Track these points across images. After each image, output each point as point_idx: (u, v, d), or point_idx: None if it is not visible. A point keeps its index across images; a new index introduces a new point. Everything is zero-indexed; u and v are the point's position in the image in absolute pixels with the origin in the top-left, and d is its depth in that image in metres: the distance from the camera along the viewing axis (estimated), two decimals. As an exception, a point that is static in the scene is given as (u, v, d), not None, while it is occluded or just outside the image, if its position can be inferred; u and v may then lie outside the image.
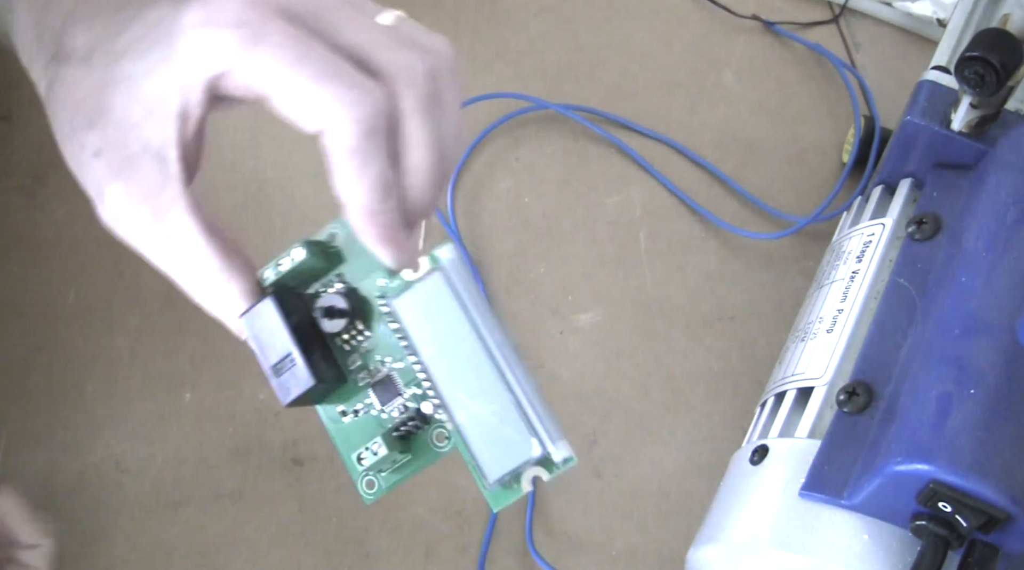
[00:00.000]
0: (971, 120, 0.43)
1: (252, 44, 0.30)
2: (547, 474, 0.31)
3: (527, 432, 0.30)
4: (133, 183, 0.32)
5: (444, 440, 0.32)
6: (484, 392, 0.31)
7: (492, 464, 0.31)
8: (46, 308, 0.53)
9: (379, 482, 0.32)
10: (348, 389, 0.33)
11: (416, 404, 0.32)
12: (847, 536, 0.36)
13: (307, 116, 0.30)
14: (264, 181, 0.57)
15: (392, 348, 0.32)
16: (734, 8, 0.64)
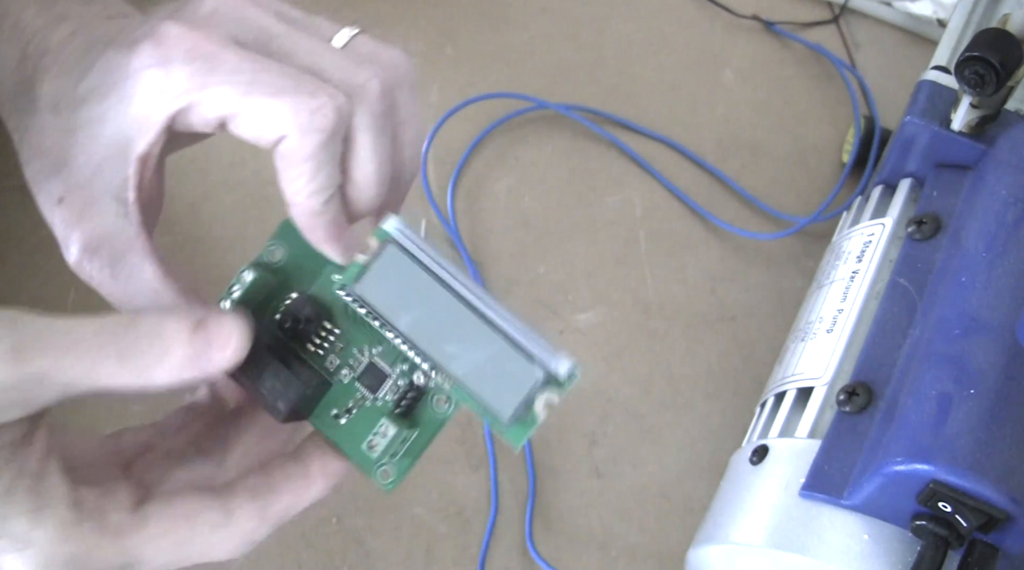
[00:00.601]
0: (971, 120, 0.43)
1: (206, 75, 0.31)
2: (557, 394, 0.31)
3: (525, 360, 0.30)
4: (94, 227, 0.32)
5: (445, 403, 0.32)
6: (472, 339, 0.31)
7: (502, 402, 0.30)
8: (46, 308, 0.53)
9: (393, 469, 0.32)
10: (335, 391, 0.33)
11: (407, 379, 0.32)
12: (847, 536, 0.36)
13: (267, 131, 0.31)
14: (264, 181, 0.57)
15: (366, 335, 0.32)
16: (734, 8, 0.64)
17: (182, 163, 0.57)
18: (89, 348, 0.28)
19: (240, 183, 0.57)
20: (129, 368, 0.28)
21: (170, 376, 0.29)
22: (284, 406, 0.31)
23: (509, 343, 0.31)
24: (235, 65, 0.31)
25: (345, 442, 0.32)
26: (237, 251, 0.55)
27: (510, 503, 0.50)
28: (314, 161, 0.31)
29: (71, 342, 0.28)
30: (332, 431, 0.33)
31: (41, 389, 0.28)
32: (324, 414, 0.33)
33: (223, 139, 0.61)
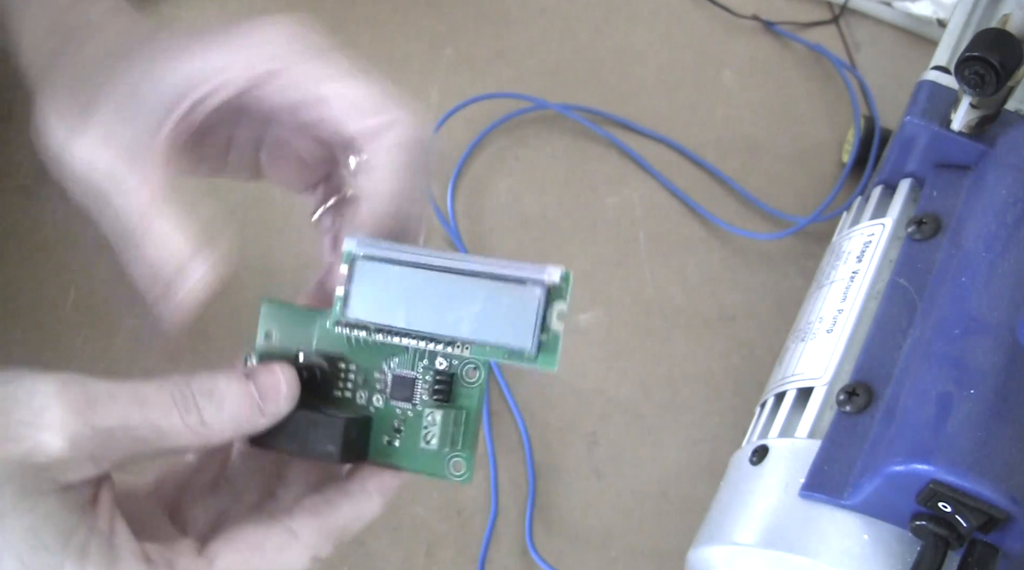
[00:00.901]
0: (971, 120, 0.43)
1: (310, 52, 0.33)
2: (564, 302, 0.31)
3: (519, 287, 0.31)
4: (127, 124, 0.33)
5: (475, 373, 0.32)
6: (462, 297, 0.31)
7: (520, 336, 0.31)
8: (46, 308, 0.53)
9: (461, 457, 0.32)
10: (377, 420, 0.33)
11: (432, 370, 0.33)
12: (847, 536, 0.36)
13: (374, 109, 0.33)
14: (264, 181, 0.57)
15: (378, 354, 0.33)
16: (734, 8, 0.64)
17: (182, 163, 0.57)
18: (152, 404, 0.29)
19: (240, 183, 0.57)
20: (190, 422, 0.30)
21: (227, 427, 0.30)
22: (335, 446, 0.31)
23: (496, 281, 0.31)
24: (339, 55, 0.33)
25: (407, 460, 0.33)
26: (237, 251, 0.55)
27: (510, 503, 0.50)
28: (416, 161, 0.34)
29: (136, 399, 0.29)
30: (392, 457, 0.33)
31: (112, 444, 0.29)
32: (378, 446, 0.33)
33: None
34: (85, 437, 0.28)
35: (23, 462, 0.27)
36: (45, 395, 0.28)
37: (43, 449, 0.28)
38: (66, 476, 0.28)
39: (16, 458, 0.27)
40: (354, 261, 0.32)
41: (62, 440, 0.28)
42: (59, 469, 0.28)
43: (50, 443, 0.28)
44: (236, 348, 0.53)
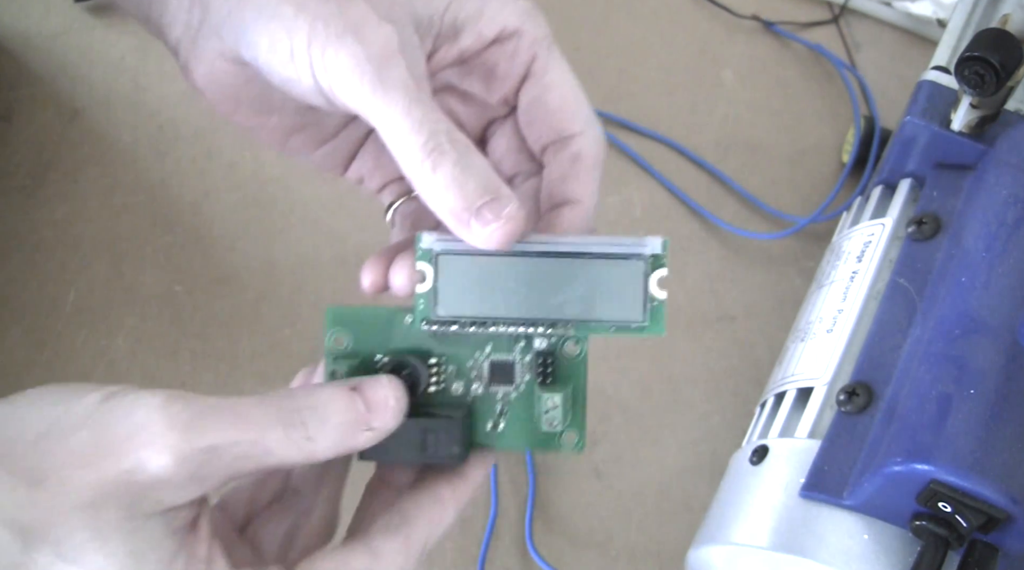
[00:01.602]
0: (971, 120, 0.43)
1: (545, 30, 0.35)
2: (664, 269, 0.31)
3: (623, 262, 0.31)
4: (396, 31, 0.31)
5: (575, 347, 0.33)
6: (565, 279, 0.31)
7: (629, 310, 0.31)
8: (46, 308, 0.53)
9: (573, 431, 0.33)
10: (477, 409, 0.33)
11: (531, 351, 0.33)
12: (847, 536, 0.36)
13: (584, 116, 0.35)
14: (264, 181, 0.57)
15: (469, 345, 0.33)
16: (734, 8, 0.64)
17: (182, 163, 0.57)
18: (255, 420, 0.28)
19: (240, 183, 0.57)
20: (293, 438, 0.28)
21: (332, 443, 0.29)
22: (459, 447, 0.31)
23: (599, 260, 0.31)
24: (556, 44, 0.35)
25: (516, 440, 0.33)
26: (237, 251, 0.55)
27: (510, 503, 0.50)
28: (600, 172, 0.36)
29: (237, 416, 0.28)
30: (499, 441, 0.33)
31: (216, 464, 0.28)
32: (482, 433, 0.33)
33: (223, 139, 0.61)
34: (189, 455, 0.27)
35: (126, 480, 0.26)
36: (147, 410, 0.27)
37: (146, 467, 0.26)
38: (169, 497, 0.27)
39: (118, 476, 0.26)
40: (436, 258, 0.31)
41: (166, 458, 0.27)
42: (162, 489, 0.27)
43: (153, 461, 0.27)
44: (233, 347, 0.53)
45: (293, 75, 0.31)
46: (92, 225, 0.55)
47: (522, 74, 0.35)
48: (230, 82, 0.33)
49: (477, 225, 0.30)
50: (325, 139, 0.37)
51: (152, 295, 0.54)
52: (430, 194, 0.30)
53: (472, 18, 0.34)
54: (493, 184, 0.30)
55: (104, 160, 0.57)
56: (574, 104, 0.35)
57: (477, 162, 0.30)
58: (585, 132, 0.35)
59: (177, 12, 0.33)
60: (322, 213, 0.56)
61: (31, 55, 0.59)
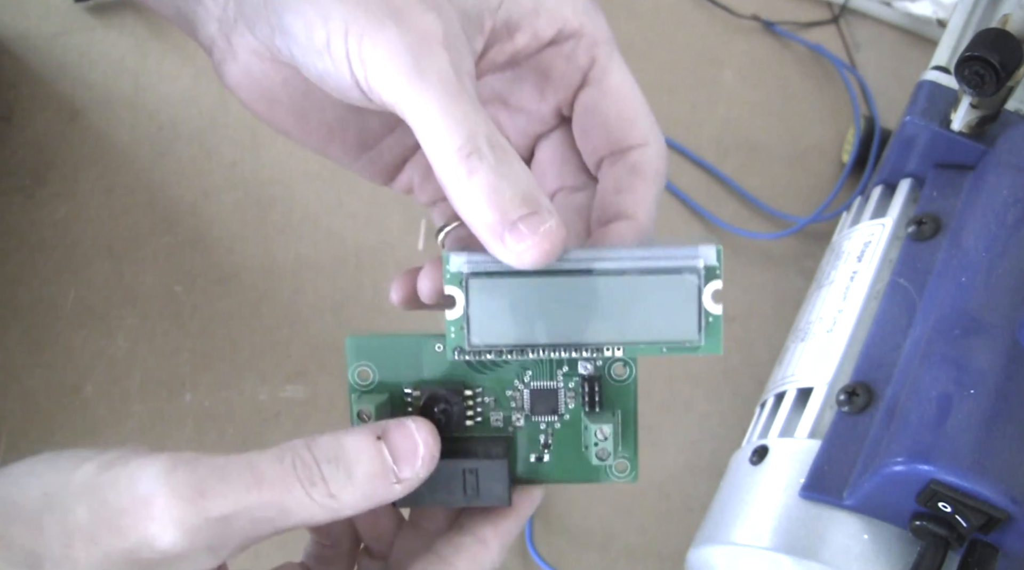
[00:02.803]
0: (971, 120, 0.43)
1: (605, 31, 0.33)
2: (718, 281, 0.28)
3: (674, 277, 0.28)
4: (441, 19, 0.28)
5: (624, 369, 0.30)
6: (612, 301, 0.28)
7: (683, 330, 0.29)
8: (46, 308, 0.53)
9: (624, 460, 0.30)
10: (520, 440, 0.31)
11: (575, 377, 0.30)
12: (847, 536, 0.36)
13: (646, 125, 0.33)
14: (264, 181, 0.57)
15: (507, 372, 0.30)
16: (734, 8, 0.64)
17: (182, 163, 0.57)
18: (271, 479, 0.26)
19: (240, 183, 0.57)
20: (316, 496, 0.26)
21: (358, 499, 0.27)
22: (503, 489, 0.29)
23: (647, 276, 0.28)
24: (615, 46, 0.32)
25: (563, 472, 0.31)
26: (237, 251, 0.55)
27: (510, 503, 0.50)
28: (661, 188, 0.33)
29: (252, 475, 0.26)
30: (543, 473, 0.31)
31: (230, 532, 0.26)
32: (525, 465, 0.31)
33: (223, 139, 0.61)
34: (200, 527, 0.25)
35: (131, 558, 0.25)
36: (151, 480, 0.25)
37: (153, 544, 0.25)
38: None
39: (123, 554, 0.25)
40: (467, 281, 0.28)
41: (174, 532, 0.25)
42: (172, 565, 0.25)
43: (160, 537, 0.25)
44: (233, 347, 0.53)
45: (330, 67, 0.28)
46: (92, 225, 0.55)
47: (580, 79, 0.32)
48: (266, 81, 0.31)
49: (512, 240, 0.27)
50: (369, 144, 0.34)
51: (152, 295, 0.53)
52: (463, 203, 0.27)
53: (528, 16, 0.31)
54: (533, 195, 0.27)
55: (104, 160, 0.57)
56: (636, 113, 0.33)
57: (518, 170, 0.27)
58: (648, 143, 0.33)
59: (211, 8, 0.31)
60: (322, 213, 0.56)
61: (31, 55, 0.59)
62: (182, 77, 0.59)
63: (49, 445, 0.50)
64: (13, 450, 0.50)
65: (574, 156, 0.34)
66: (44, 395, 0.51)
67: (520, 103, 0.34)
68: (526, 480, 0.31)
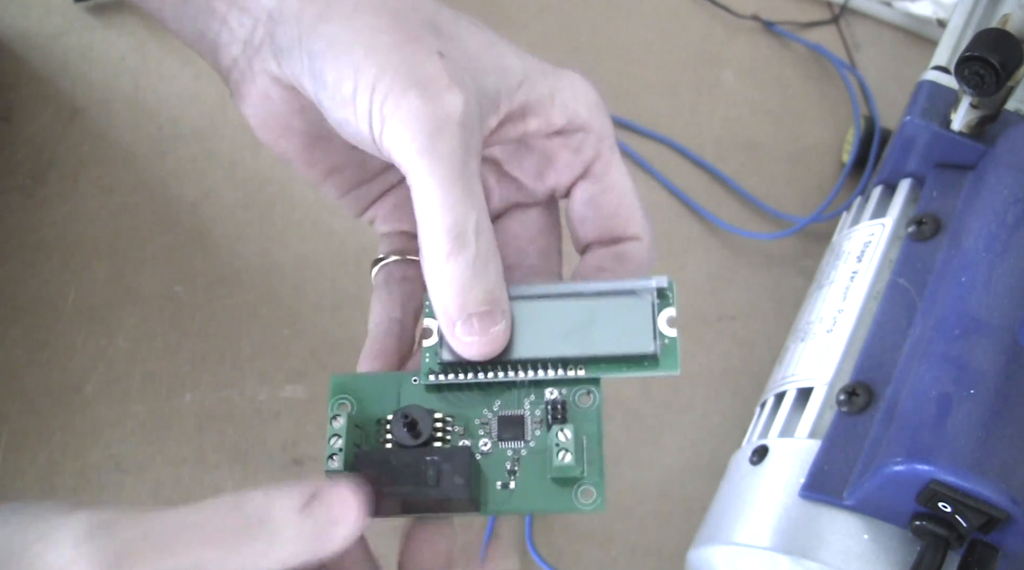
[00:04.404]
0: (971, 120, 0.43)
1: (610, 128, 0.34)
2: (672, 308, 0.31)
3: (630, 298, 0.31)
4: (463, 98, 0.30)
5: (588, 398, 0.32)
6: (572, 319, 0.31)
7: (640, 345, 0.31)
8: (46, 308, 0.53)
9: (589, 484, 0.31)
10: (487, 465, 0.31)
11: (540, 403, 0.31)
12: (847, 536, 0.36)
13: (639, 222, 0.35)
14: (264, 181, 0.57)
15: (476, 400, 0.31)
16: (734, 8, 0.64)
17: (182, 163, 0.57)
18: (193, 542, 0.25)
19: (240, 183, 0.57)
20: (242, 556, 0.25)
21: (287, 560, 0.26)
22: (466, 483, 0.29)
23: (603, 297, 0.31)
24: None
25: (528, 500, 0.31)
26: (237, 251, 0.55)
27: (510, 503, 0.50)
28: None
29: (174, 538, 0.25)
30: (510, 503, 0.31)
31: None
32: (492, 494, 0.31)
33: (223, 139, 0.61)
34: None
35: None
36: (66, 546, 0.23)
37: None
38: None
39: None
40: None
41: None
42: None
43: None
44: (233, 347, 0.53)
45: (350, 117, 0.30)
46: (92, 225, 0.55)
47: (582, 170, 0.34)
48: (282, 109, 0.32)
49: (462, 331, 0.29)
50: (363, 182, 0.36)
51: (152, 295, 0.53)
52: (433, 278, 0.29)
53: (543, 103, 0.32)
54: (497, 296, 0.29)
55: (104, 160, 0.57)
56: (634, 209, 0.35)
57: (491, 267, 0.29)
58: (642, 238, 0.35)
59: (237, 31, 0.32)
60: (322, 213, 0.56)
61: (31, 55, 0.59)
62: (182, 77, 0.59)
63: (49, 445, 0.50)
64: (13, 450, 0.50)
65: (544, 236, 0.36)
66: (44, 395, 0.51)
67: (515, 174, 0.36)
68: (494, 510, 0.31)
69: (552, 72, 0.33)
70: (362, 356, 0.34)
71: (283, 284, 0.54)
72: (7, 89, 0.58)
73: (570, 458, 0.30)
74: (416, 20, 0.30)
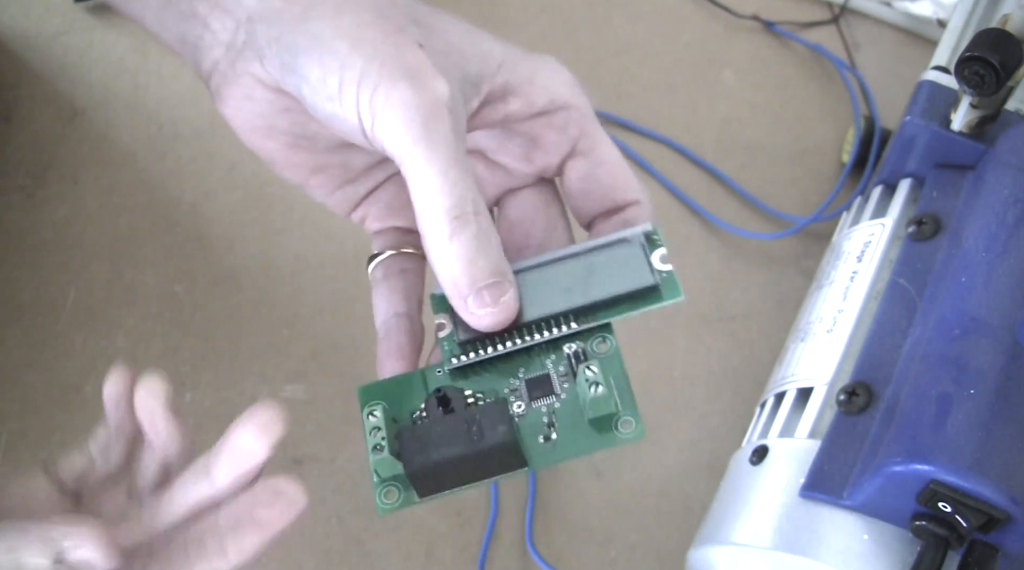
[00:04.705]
0: (971, 120, 0.43)
1: (589, 107, 0.35)
2: (663, 248, 0.33)
3: (621, 246, 0.33)
4: (448, 84, 0.31)
5: (604, 344, 0.33)
6: (573, 277, 0.33)
7: (640, 280, 0.33)
8: (46, 308, 0.53)
9: (628, 416, 0.32)
10: (524, 426, 0.32)
11: (564, 361, 0.32)
12: (847, 536, 0.36)
13: (633, 189, 0.35)
14: (264, 181, 0.57)
15: (500, 374, 0.33)
16: (734, 8, 0.64)
17: (182, 163, 0.57)
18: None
19: (240, 183, 0.57)
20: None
21: None
22: (508, 430, 0.30)
23: (596, 252, 0.33)
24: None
25: (572, 446, 0.32)
26: (237, 251, 0.55)
27: (510, 503, 0.50)
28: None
29: None
30: (557, 452, 0.32)
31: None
32: (536, 449, 0.32)
33: (223, 140, 0.61)
34: None
35: None
36: None
37: None
38: None
39: None
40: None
41: None
42: None
43: None
44: (233, 347, 0.53)
45: (338, 112, 0.30)
46: (92, 225, 0.55)
47: (569, 149, 0.35)
48: (266, 110, 0.33)
49: (474, 304, 0.31)
50: (347, 182, 0.36)
51: (152, 295, 0.54)
52: (439, 260, 0.30)
53: (524, 84, 0.33)
54: (502, 267, 0.31)
55: (104, 160, 0.57)
56: (628, 178, 0.36)
57: (493, 241, 0.31)
58: (640, 201, 0.36)
59: (219, 33, 0.32)
60: (322, 213, 0.55)
61: (31, 55, 0.59)
62: (182, 77, 0.59)
63: (48, 444, 0.50)
64: (13, 450, 0.50)
65: (543, 213, 0.37)
66: (44, 395, 0.51)
67: (502, 161, 0.36)
68: (542, 462, 0.32)
69: (530, 56, 0.34)
70: (379, 359, 0.35)
71: (283, 284, 0.54)
72: (7, 89, 0.58)
73: (602, 390, 0.31)
74: (397, 14, 0.31)
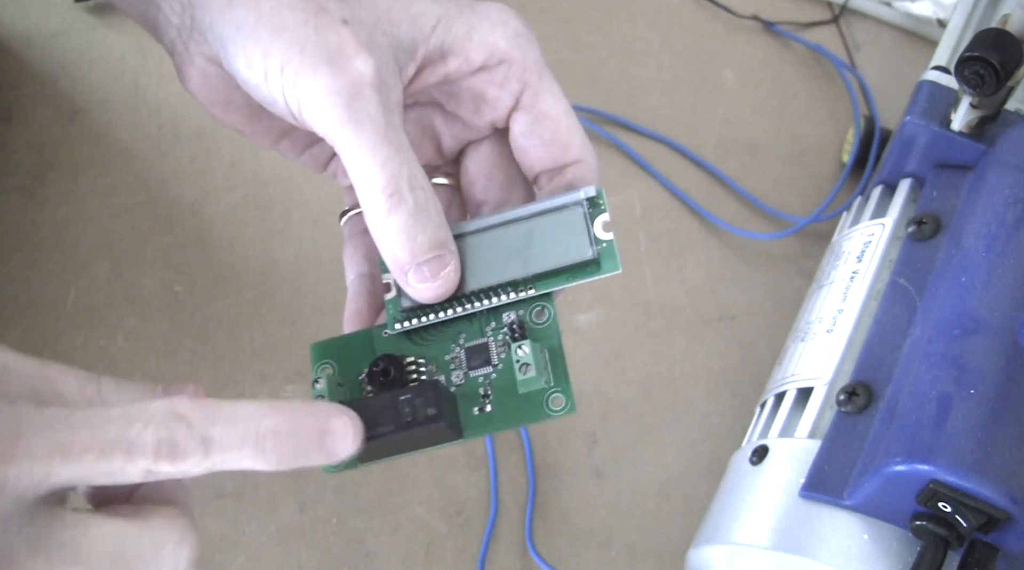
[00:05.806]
0: (971, 120, 0.43)
1: (536, 57, 0.35)
2: (606, 213, 0.33)
3: (562, 212, 0.33)
4: (373, 59, 0.31)
5: (543, 313, 0.33)
6: (513, 244, 0.33)
7: (579, 251, 0.32)
8: (46, 308, 0.53)
9: (558, 391, 0.32)
10: (462, 396, 0.33)
11: (502, 328, 0.33)
12: (847, 536, 0.36)
13: (580, 145, 0.35)
14: (264, 181, 0.57)
15: (443, 337, 0.33)
16: (734, 8, 0.64)
17: (182, 163, 0.57)
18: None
19: (240, 183, 0.57)
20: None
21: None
22: (440, 409, 0.30)
23: (539, 216, 0.33)
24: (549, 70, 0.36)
25: (505, 418, 0.32)
26: (237, 251, 0.55)
27: (510, 503, 0.50)
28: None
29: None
30: (490, 424, 0.32)
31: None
32: (471, 419, 0.33)
33: (223, 140, 0.61)
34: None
35: None
36: None
37: None
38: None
39: None
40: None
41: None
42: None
43: None
44: (233, 347, 0.53)
45: (267, 96, 0.31)
46: (92, 225, 0.55)
47: (513, 102, 0.35)
48: (220, 85, 0.34)
49: (415, 279, 0.31)
50: (313, 141, 0.37)
51: (152, 295, 0.54)
52: (380, 236, 0.31)
53: (460, 41, 0.33)
54: (441, 239, 0.31)
55: (104, 160, 0.57)
56: (569, 133, 0.35)
57: (432, 214, 0.31)
58: (582, 160, 0.35)
59: (170, 15, 0.33)
60: (322, 213, 0.56)
61: (31, 55, 0.59)
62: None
63: (49, 445, 0.50)
64: (13, 450, 0.50)
65: (502, 169, 0.37)
66: (44, 395, 0.51)
67: (458, 113, 0.36)
68: (480, 435, 0.33)
69: (469, 9, 0.34)
70: (345, 319, 0.36)
71: (283, 284, 0.54)
72: (7, 89, 0.58)
73: (532, 371, 0.31)
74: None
